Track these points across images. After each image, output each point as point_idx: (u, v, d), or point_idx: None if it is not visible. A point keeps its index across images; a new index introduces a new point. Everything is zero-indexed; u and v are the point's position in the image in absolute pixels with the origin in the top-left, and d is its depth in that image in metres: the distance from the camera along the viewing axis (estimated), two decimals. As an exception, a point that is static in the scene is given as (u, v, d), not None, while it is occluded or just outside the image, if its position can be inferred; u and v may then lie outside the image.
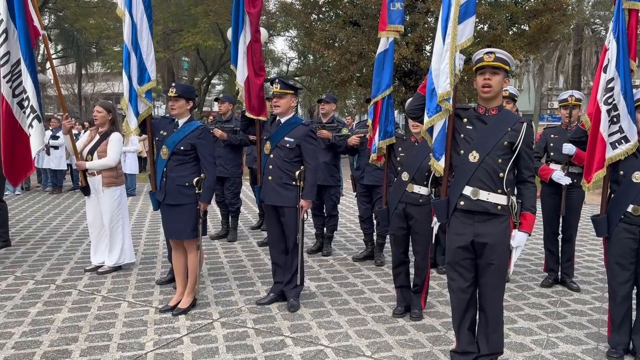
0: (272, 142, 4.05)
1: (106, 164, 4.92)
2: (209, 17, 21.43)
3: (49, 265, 5.32)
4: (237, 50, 4.12)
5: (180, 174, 3.91)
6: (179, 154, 3.90)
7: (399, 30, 3.81)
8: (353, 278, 4.92)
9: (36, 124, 4.69)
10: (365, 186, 5.37)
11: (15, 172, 4.96)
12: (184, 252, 4.10)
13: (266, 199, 4.08)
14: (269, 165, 4.05)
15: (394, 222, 3.88)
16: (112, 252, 5.09)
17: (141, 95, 3.93)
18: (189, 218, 3.92)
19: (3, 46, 4.57)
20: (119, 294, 4.45)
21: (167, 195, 3.94)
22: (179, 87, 3.92)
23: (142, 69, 3.91)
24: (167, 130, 4.01)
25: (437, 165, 3.00)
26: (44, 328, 3.68)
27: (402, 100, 17.18)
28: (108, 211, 5.00)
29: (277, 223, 4.14)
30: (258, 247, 6.18)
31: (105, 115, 4.98)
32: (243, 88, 4.12)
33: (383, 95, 3.82)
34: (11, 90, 4.65)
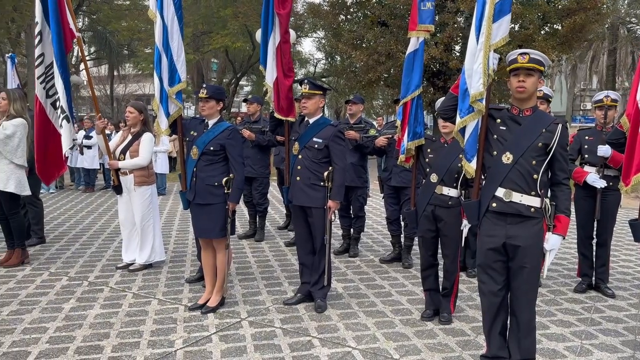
0: (300, 142, 4.06)
1: (138, 164, 5.01)
2: (238, 19, 21.64)
3: (82, 262, 5.45)
4: (266, 52, 4.14)
5: (209, 174, 3.96)
6: (209, 154, 3.95)
7: (429, 30, 3.77)
8: (380, 280, 4.89)
9: (65, 124, 4.81)
10: (392, 187, 5.33)
11: (48, 170, 5.10)
12: (212, 251, 4.15)
13: (294, 199, 4.09)
14: (297, 166, 4.06)
15: (422, 224, 3.84)
16: (143, 250, 5.18)
17: (172, 96, 3.99)
18: (218, 217, 3.96)
19: (38, 48, 4.72)
20: (150, 291, 4.52)
21: (196, 194, 3.99)
22: (210, 88, 3.97)
23: (172, 70, 3.97)
24: (197, 131, 4.06)
25: (468, 167, 2.96)
26: (77, 324, 3.77)
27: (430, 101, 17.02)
28: (139, 210, 5.10)
29: (304, 223, 4.14)
30: (285, 247, 6.20)
31: (137, 115, 5.07)
32: (272, 89, 4.14)
33: (412, 95, 3.78)
34: (45, 90, 4.79)
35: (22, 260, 5.31)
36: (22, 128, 5.08)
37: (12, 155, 5.03)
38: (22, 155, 5.12)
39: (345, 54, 17.49)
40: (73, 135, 4.93)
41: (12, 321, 3.80)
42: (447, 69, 16.38)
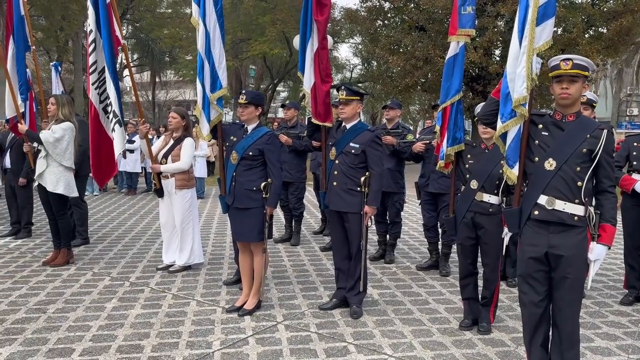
0: (337, 147, 4.07)
1: (179, 168, 5.13)
2: (276, 25, 21.93)
3: (123, 263, 5.61)
4: (304, 57, 4.18)
5: (248, 179, 4.01)
6: (248, 159, 4.01)
7: (470, 35, 3.72)
8: (417, 287, 4.83)
9: (117, 128, 4.98)
10: (430, 194, 5.26)
11: (102, 173, 5.30)
12: (250, 255, 4.20)
13: (330, 204, 4.09)
14: (334, 171, 4.07)
15: (461, 231, 3.78)
16: (183, 252, 5.29)
17: (213, 102, 4.08)
18: (256, 221, 4.01)
19: (92, 55, 4.92)
20: (188, 292, 4.61)
21: (235, 198, 4.05)
22: (249, 94, 4.03)
23: (214, 77, 4.06)
24: (236, 136, 4.13)
25: (510, 173, 2.89)
26: (118, 323, 3.88)
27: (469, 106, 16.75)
28: (179, 212, 5.21)
29: (340, 229, 4.14)
30: (320, 252, 6.21)
31: (180, 120, 5.20)
32: (309, 94, 4.17)
33: (452, 100, 3.74)
34: (98, 96, 4.99)
35: (68, 260, 5.51)
36: (69, 131, 5.28)
37: (61, 158, 5.24)
38: (70, 158, 5.33)
39: (382, 59, 17.45)
40: (125, 139, 5.10)
41: (58, 319, 3.94)
42: (487, 74, 16.10)
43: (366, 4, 18.14)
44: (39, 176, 5.30)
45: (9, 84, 5.59)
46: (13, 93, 5.59)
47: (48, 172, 5.26)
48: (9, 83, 5.59)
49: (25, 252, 6.06)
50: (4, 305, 4.22)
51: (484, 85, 16.41)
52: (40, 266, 5.41)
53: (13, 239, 6.71)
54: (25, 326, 3.79)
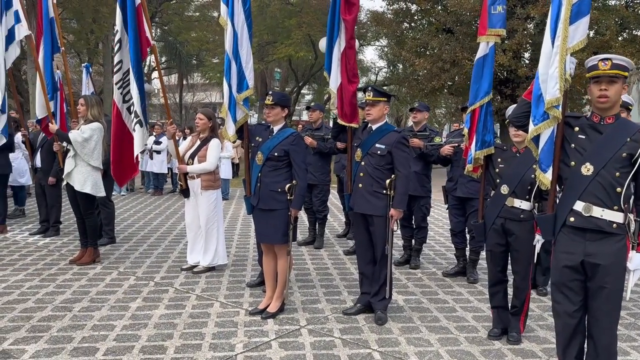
0: (363, 149, 4.00)
1: (205, 168, 5.14)
2: (302, 28, 21.96)
3: (149, 262, 5.64)
4: (331, 57, 4.12)
5: (273, 180, 3.98)
6: (273, 159, 3.97)
7: (500, 35, 3.61)
8: (444, 294, 4.72)
9: (137, 129, 5.01)
10: (458, 198, 5.14)
11: (122, 173, 5.34)
12: (274, 257, 4.16)
13: (355, 206, 4.02)
14: (359, 173, 4.00)
15: (491, 238, 3.66)
16: (207, 253, 5.29)
17: (239, 103, 4.06)
18: (281, 223, 3.97)
19: (117, 54, 4.97)
20: (212, 294, 4.60)
21: (260, 200, 4.02)
22: (275, 95, 4.00)
23: (241, 77, 4.04)
24: (262, 137, 4.10)
25: (543, 178, 2.78)
26: (142, 323, 3.88)
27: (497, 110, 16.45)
28: (205, 213, 5.21)
29: (365, 232, 4.07)
30: (344, 255, 6.14)
31: (207, 122, 5.21)
32: (336, 95, 4.11)
33: (481, 102, 3.63)
34: (122, 96, 5.03)
35: (94, 259, 5.56)
36: (98, 132, 5.34)
37: (89, 158, 5.30)
38: (98, 158, 5.38)
39: (408, 62, 17.28)
40: (145, 140, 5.14)
41: (83, 317, 3.97)
42: (516, 77, 15.80)
43: (392, 7, 18.04)
44: (67, 175, 5.37)
45: (41, 84, 5.70)
46: (45, 93, 5.69)
47: (76, 171, 5.33)
48: (41, 83, 5.70)
49: (53, 250, 6.16)
50: (31, 303, 4.27)
51: (512, 88, 16.10)
52: (67, 264, 5.47)
53: (41, 237, 6.83)
54: (51, 324, 3.82)
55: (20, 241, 6.59)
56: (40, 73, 5.73)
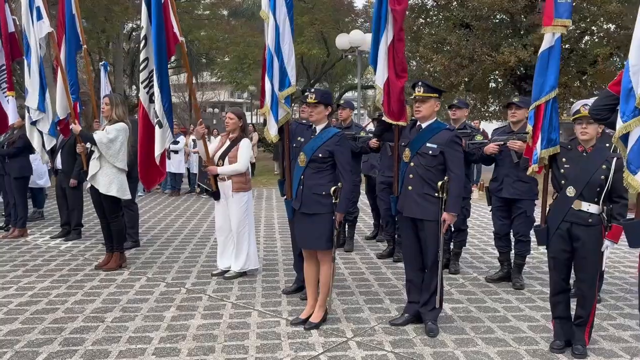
0: (412, 149, 3.74)
1: (236, 170, 4.91)
2: (314, 26, 21.72)
3: (177, 267, 5.42)
4: (377, 51, 3.87)
5: (317, 182, 3.74)
6: (317, 161, 3.73)
7: (566, 25, 3.34)
8: (491, 302, 4.46)
9: (157, 129, 4.79)
10: (503, 199, 4.86)
11: (150, 176, 5.12)
12: (316, 263, 3.92)
13: (404, 210, 3.77)
14: (409, 174, 3.75)
15: (555, 243, 3.40)
16: (239, 258, 5.06)
17: (281, 101, 3.82)
18: (325, 228, 3.73)
19: (143, 51, 4.73)
20: (248, 301, 4.37)
21: (303, 203, 3.78)
22: (318, 93, 3.76)
23: (283, 74, 3.80)
24: (304, 137, 3.87)
25: (632, 180, 2.53)
26: (180, 335, 3.66)
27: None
28: (236, 216, 4.99)
29: (414, 237, 3.82)
30: (377, 259, 5.90)
31: (237, 121, 4.98)
32: (382, 91, 3.86)
33: (547, 97, 3.36)
34: (148, 96, 4.80)
35: (120, 264, 5.36)
36: (123, 132, 5.13)
37: (115, 159, 5.09)
38: (123, 159, 5.17)
39: (425, 58, 16.96)
40: (166, 142, 4.91)
41: (117, 329, 3.75)
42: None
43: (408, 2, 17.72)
44: (91, 178, 5.17)
45: (64, 83, 5.49)
46: (67, 93, 5.48)
47: (101, 173, 5.12)
48: (64, 82, 5.49)
49: (77, 254, 5.96)
50: (60, 312, 4.06)
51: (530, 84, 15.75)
52: (93, 270, 5.27)
53: (63, 240, 6.64)
54: (84, 336, 3.61)
55: (42, 245, 6.40)
56: (63, 71, 5.52)
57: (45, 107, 5.87)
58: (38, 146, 6.15)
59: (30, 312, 4.06)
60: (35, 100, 5.75)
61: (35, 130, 6.09)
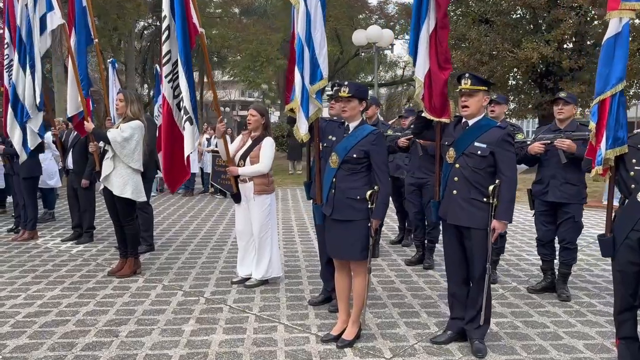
0: (457, 148, 3.38)
1: (259, 170, 4.58)
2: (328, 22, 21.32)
3: (194, 274, 5.10)
4: (416, 39, 3.50)
5: (351, 185, 3.38)
6: (351, 162, 3.38)
7: (635, 9, 2.95)
8: (538, 316, 4.07)
9: (188, 126, 4.47)
10: (548, 203, 4.47)
11: (174, 176, 4.80)
12: (348, 275, 3.57)
13: (448, 217, 3.40)
14: (453, 177, 3.38)
15: (623, 255, 3.01)
16: (260, 265, 4.73)
17: (312, 96, 3.46)
18: (360, 236, 3.37)
19: (165, 44, 4.41)
20: (272, 313, 4.04)
21: (335, 209, 3.42)
22: (352, 86, 3.40)
23: (314, 66, 3.44)
24: (336, 135, 3.51)
25: None
26: (201, 353, 3.33)
27: (537, 104, 15.66)
28: (258, 220, 4.66)
29: (458, 246, 3.45)
30: (405, 265, 5.53)
31: (259, 119, 4.64)
32: (422, 84, 3.50)
33: (613, 91, 2.97)
34: (172, 90, 4.48)
35: (135, 271, 5.05)
36: (139, 130, 4.82)
37: (129, 159, 4.78)
38: (138, 159, 4.87)
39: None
40: (196, 139, 4.60)
41: (132, 345, 3.43)
42: (559, 69, 14.96)
43: None
44: (105, 179, 4.86)
45: (76, 79, 5.19)
46: (79, 88, 5.18)
47: (115, 174, 4.82)
48: (76, 77, 5.19)
49: (89, 259, 5.67)
50: (71, 325, 3.75)
51: (554, 81, 15.26)
52: (106, 276, 4.97)
53: (74, 243, 6.35)
54: (97, 354, 3.29)
55: (53, 248, 6.12)
56: (75, 66, 5.22)
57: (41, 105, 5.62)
58: (18, 144, 5.92)
59: (39, 325, 3.75)
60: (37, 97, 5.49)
61: (17, 127, 5.84)
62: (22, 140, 5.84)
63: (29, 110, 5.63)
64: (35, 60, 5.43)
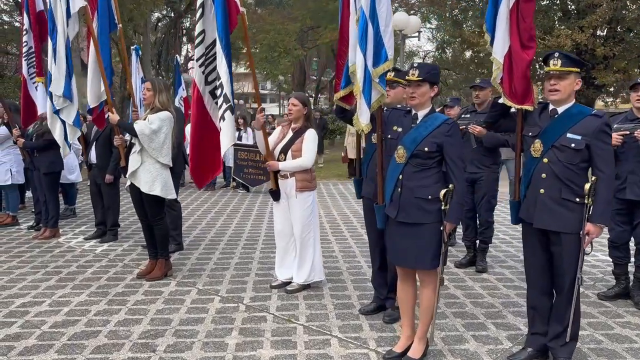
0: (544, 140, 2.92)
1: (301, 165, 4.17)
2: (347, 11, 20.78)
3: (229, 277, 4.72)
4: (495, 12, 3.04)
5: (421, 184, 2.95)
6: (421, 156, 2.95)
7: None
8: (619, 328, 3.62)
9: (228, 117, 4.06)
10: (625, 202, 4.00)
11: (202, 171, 4.41)
12: (413, 284, 3.16)
13: (535, 219, 2.95)
14: (540, 174, 2.93)
15: None
16: (302, 268, 4.33)
17: (375, 80, 3.02)
18: (430, 242, 2.95)
19: (199, 23, 3.98)
20: (321, 324, 3.64)
21: (401, 210, 3.00)
22: (423, 68, 2.95)
23: (378, 44, 2.99)
24: (402, 125, 3.08)
25: None
26: (251, 371, 2.95)
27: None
28: (299, 220, 4.25)
29: (542, 253, 3.01)
30: (455, 268, 5.10)
31: (301, 109, 4.23)
32: (502, 65, 3.04)
33: None
34: (203, 76, 4.06)
35: (166, 273, 4.68)
36: (168, 122, 4.43)
37: (158, 154, 4.40)
38: (167, 153, 4.48)
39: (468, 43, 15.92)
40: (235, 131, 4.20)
41: (173, 361, 3.06)
42: (592, 57, 14.29)
43: None
44: (131, 175, 4.48)
45: (99, 67, 4.81)
46: (104, 77, 4.80)
47: (143, 170, 4.44)
48: (99, 65, 4.80)
49: (114, 259, 5.31)
50: (103, 337, 3.39)
51: (587, 70, 14.58)
52: (135, 279, 4.61)
53: (99, 242, 6.01)
54: (134, 373, 2.92)
55: (76, 247, 5.78)
56: (98, 53, 4.83)
57: (72, 94, 5.21)
58: (60, 138, 5.54)
59: (68, 337, 3.39)
60: (61, 86, 5.09)
61: (57, 120, 5.46)
62: (63, 134, 5.47)
63: (54, 101, 5.26)
64: (58, 45, 5.05)
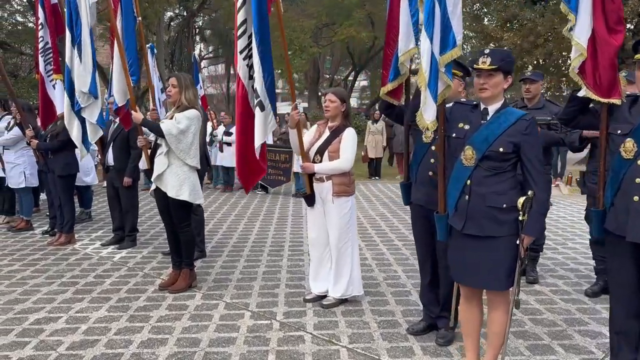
0: (638, 139, 2.51)
1: (340, 167, 3.79)
2: (364, 7, 20.38)
3: (257, 288, 4.35)
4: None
5: (494, 190, 2.55)
6: (494, 158, 2.54)
7: None
8: None
9: (257, 112, 3.69)
10: None
11: (249, 173, 4.03)
12: (479, 305, 2.77)
13: (630, 232, 2.50)
14: (634, 178, 2.51)
15: None
16: (339, 281, 3.95)
17: (441, 69, 2.62)
18: (504, 258, 2.55)
19: (241, 12, 3.61)
20: (367, 346, 3.25)
21: (469, 220, 2.60)
22: (496, 55, 2.54)
23: (445, 28, 2.59)
24: (469, 122, 2.67)
25: None
26: (297, 406, 2.57)
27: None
28: (336, 227, 3.87)
29: (635, 269, 2.59)
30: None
31: (339, 105, 3.84)
32: (585, 52, 2.62)
33: None
34: (247, 69, 3.69)
35: (190, 284, 4.33)
36: (196, 121, 4.08)
37: (186, 155, 4.04)
38: (195, 155, 4.13)
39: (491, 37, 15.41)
40: (269, 129, 3.83)
41: (207, 393, 2.69)
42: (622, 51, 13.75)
43: None
44: (157, 178, 4.13)
45: (123, 64, 4.45)
46: (127, 75, 4.45)
47: (169, 173, 4.08)
48: (122, 62, 4.45)
49: (134, 267, 4.97)
50: (126, 362, 3.03)
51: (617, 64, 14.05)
52: (157, 291, 4.26)
53: (116, 248, 5.68)
54: (164, 409, 2.55)
55: (93, 255, 5.45)
56: (122, 48, 4.48)
57: (97, 91, 4.87)
58: (77, 139, 5.22)
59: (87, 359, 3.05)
60: (87, 82, 4.75)
61: (75, 119, 5.13)
62: (81, 135, 5.16)
63: (79, 98, 4.93)
64: (83, 38, 4.71)
